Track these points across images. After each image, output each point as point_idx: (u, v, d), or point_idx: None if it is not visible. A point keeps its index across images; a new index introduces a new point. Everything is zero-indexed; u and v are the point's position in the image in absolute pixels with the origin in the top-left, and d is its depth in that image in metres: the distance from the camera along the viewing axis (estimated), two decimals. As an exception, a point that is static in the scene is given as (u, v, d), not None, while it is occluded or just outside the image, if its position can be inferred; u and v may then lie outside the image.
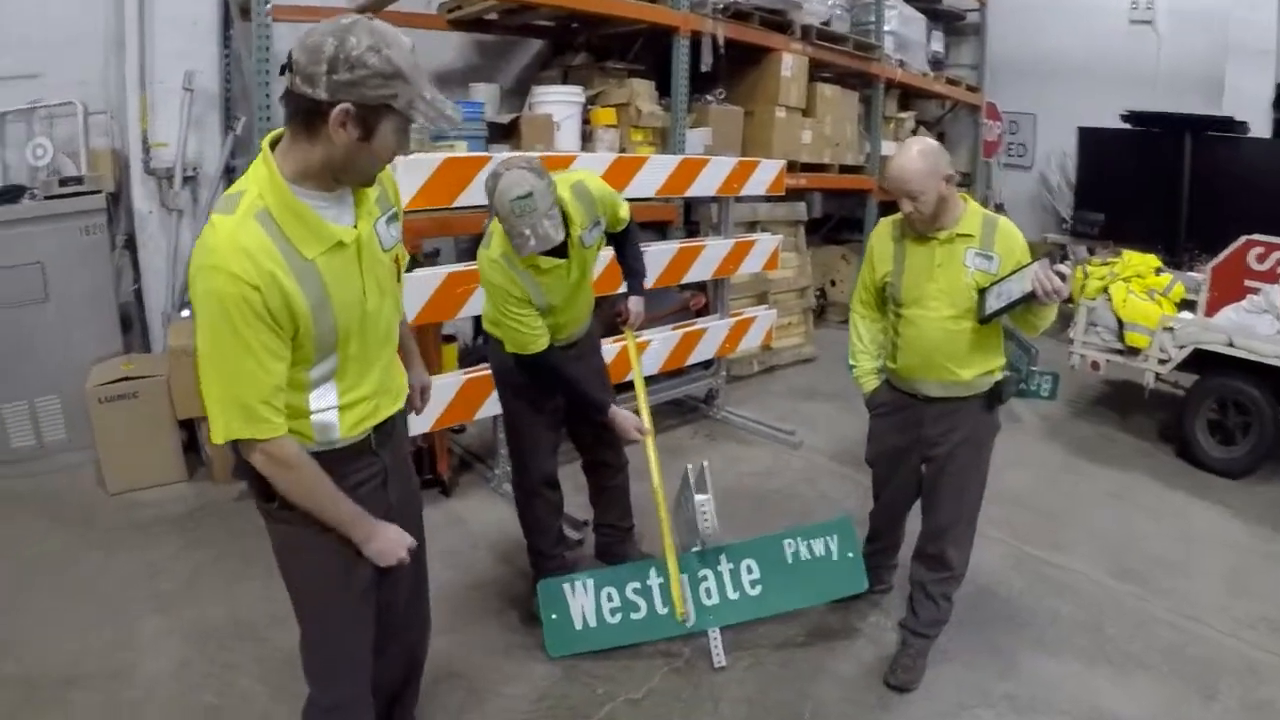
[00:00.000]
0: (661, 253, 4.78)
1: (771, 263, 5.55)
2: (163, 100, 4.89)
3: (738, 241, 5.26)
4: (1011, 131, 10.48)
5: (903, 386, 2.88)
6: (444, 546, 3.72)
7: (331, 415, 1.75)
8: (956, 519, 2.86)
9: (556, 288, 2.85)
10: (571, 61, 6.44)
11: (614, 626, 2.98)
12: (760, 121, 6.75)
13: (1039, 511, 4.29)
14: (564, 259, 2.82)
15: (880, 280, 2.83)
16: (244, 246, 1.51)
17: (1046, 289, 2.41)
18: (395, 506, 1.93)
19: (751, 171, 5.23)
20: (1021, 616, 3.34)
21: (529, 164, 2.59)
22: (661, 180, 4.66)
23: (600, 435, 3.22)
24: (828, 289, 8.64)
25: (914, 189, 2.54)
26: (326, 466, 1.74)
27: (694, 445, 5.16)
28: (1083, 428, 5.67)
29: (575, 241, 2.83)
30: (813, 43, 6.97)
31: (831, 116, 7.42)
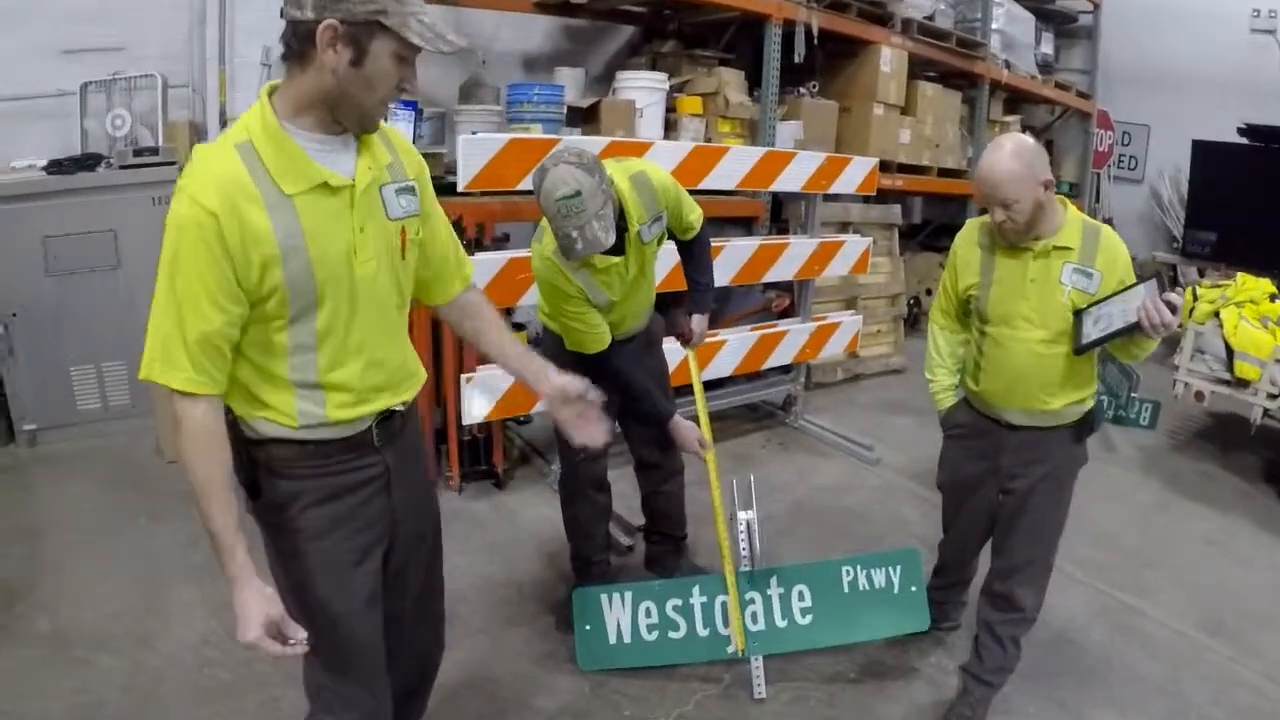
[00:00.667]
0: (742, 248, 4.52)
1: (860, 266, 5.21)
2: (242, 75, 4.95)
3: (824, 242, 4.94)
4: (1123, 143, 9.89)
5: (983, 409, 2.56)
6: (488, 540, 3.60)
7: (315, 393, 1.56)
8: (1032, 558, 2.54)
9: (614, 284, 2.65)
10: (660, 49, 6.24)
11: (650, 644, 2.76)
12: (856, 118, 6.41)
13: (1127, 552, 3.87)
14: (620, 256, 2.61)
15: (964, 292, 2.51)
16: (213, 172, 1.40)
17: (1154, 321, 2.08)
18: (400, 514, 1.75)
19: (842, 169, 4.90)
20: (1096, 670, 2.97)
21: (579, 159, 2.35)
22: (743, 173, 4.39)
23: (651, 435, 2.99)
24: (922, 298, 8.20)
25: (1007, 195, 2.21)
26: (318, 459, 1.59)
27: (764, 454, 4.89)
28: (1181, 462, 5.16)
29: (633, 239, 2.61)
30: (913, 37, 6.57)
31: (933, 116, 7.01)
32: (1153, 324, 2.08)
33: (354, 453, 1.64)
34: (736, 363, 4.66)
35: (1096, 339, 2.22)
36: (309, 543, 1.62)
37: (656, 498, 3.23)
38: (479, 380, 3.63)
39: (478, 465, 4.14)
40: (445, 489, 4.02)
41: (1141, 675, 2.97)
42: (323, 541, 1.63)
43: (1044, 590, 2.60)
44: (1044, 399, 2.39)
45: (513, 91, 4.74)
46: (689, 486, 3.29)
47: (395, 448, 1.72)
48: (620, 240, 2.54)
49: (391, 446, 1.71)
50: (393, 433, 1.70)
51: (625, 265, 2.63)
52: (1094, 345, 2.25)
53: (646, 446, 3.08)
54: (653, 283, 2.92)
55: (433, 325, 3.92)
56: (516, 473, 4.32)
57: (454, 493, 4.02)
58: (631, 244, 2.61)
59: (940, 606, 2.93)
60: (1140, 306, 2.10)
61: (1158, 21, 9.16)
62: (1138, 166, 9.84)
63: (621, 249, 2.59)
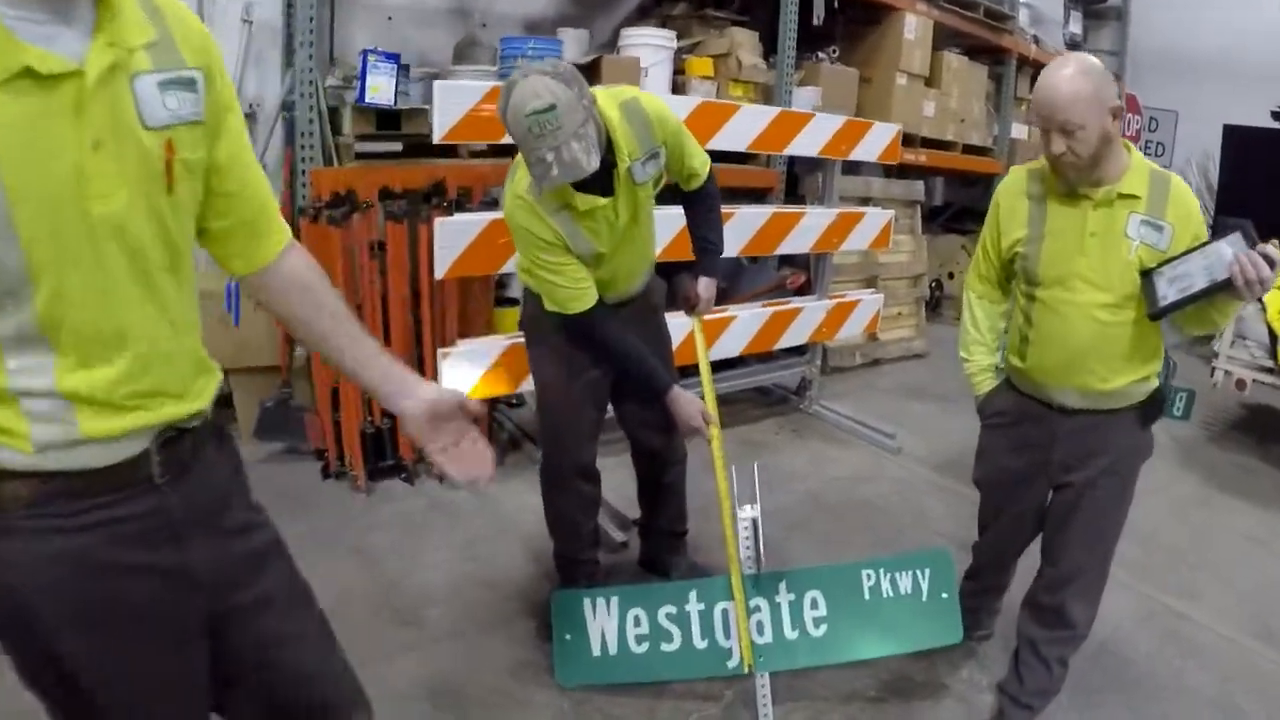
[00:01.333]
0: (754, 216, 4.13)
1: (881, 240, 4.81)
2: (223, 34, 4.57)
3: (843, 213, 4.55)
4: (1150, 129, 9.50)
5: (1030, 391, 2.18)
6: (467, 535, 3.26)
7: (56, 406, 1.01)
8: (1087, 566, 2.17)
9: (601, 232, 2.25)
10: (670, 11, 5.86)
11: (639, 657, 2.39)
12: (879, 88, 5.99)
13: (1169, 551, 3.52)
14: (608, 197, 2.21)
15: (1009, 249, 2.13)
16: None
17: (1250, 278, 1.72)
18: (209, 581, 1.18)
19: (863, 134, 4.50)
20: (1145, 684, 2.63)
21: (553, 69, 1.97)
22: (756, 133, 4.00)
23: (651, 416, 2.61)
24: (944, 281, 7.81)
25: (1070, 118, 1.83)
26: (59, 501, 1.04)
27: (777, 440, 4.53)
28: (1217, 454, 4.80)
29: (623, 176, 2.21)
30: (939, 5, 6.16)
31: (958, 90, 6.59)
32: (1248, 281, 1.72)
33: (116, 491, 1.07)
34: (746, 341, 4.27)
35: (1176, 300, 1.86)
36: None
37: (655, 488, 2.86)
38: (458, 355, 3.27)
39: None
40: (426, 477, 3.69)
41: (1192, 688, 2.63)
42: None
43: (1098, 603, 2.24)
44: (1104, 376, 2.02)
45: (506, 46, 4.38)
46: (692, 475, 2.93)
47: (193, 484, 1.16)
48: (608, 178, 2.17)
49: (185, 482, 1.15)
50: (183, 460, 1.14)
51: (614, 209, 2.24)
52: (1175, 308, 1.88)
53: (644, 429, 2.69)
54: (651, 236, 2.52)
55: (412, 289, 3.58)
56: (506, 460, 3.96)
57: (434, 481, 3.67)
58: (621, 183, 2.22)
59: (973, 613, 2.55)
60: (1231, 262, 1.75)
61: (1187, 5, 8.85)
62: (1165, 153, 9.44)
63: (610, 189, 2.21)
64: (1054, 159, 1.92)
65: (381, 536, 3.21)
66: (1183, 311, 1.92)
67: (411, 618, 2.70)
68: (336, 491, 3.54)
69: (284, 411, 3.74)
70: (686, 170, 2.44)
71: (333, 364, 1.32)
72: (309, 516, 3.26)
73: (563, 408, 2.52)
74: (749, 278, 5.38)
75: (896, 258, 6.34)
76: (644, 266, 2.52)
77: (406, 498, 3.55)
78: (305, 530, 3.14)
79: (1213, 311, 1.91)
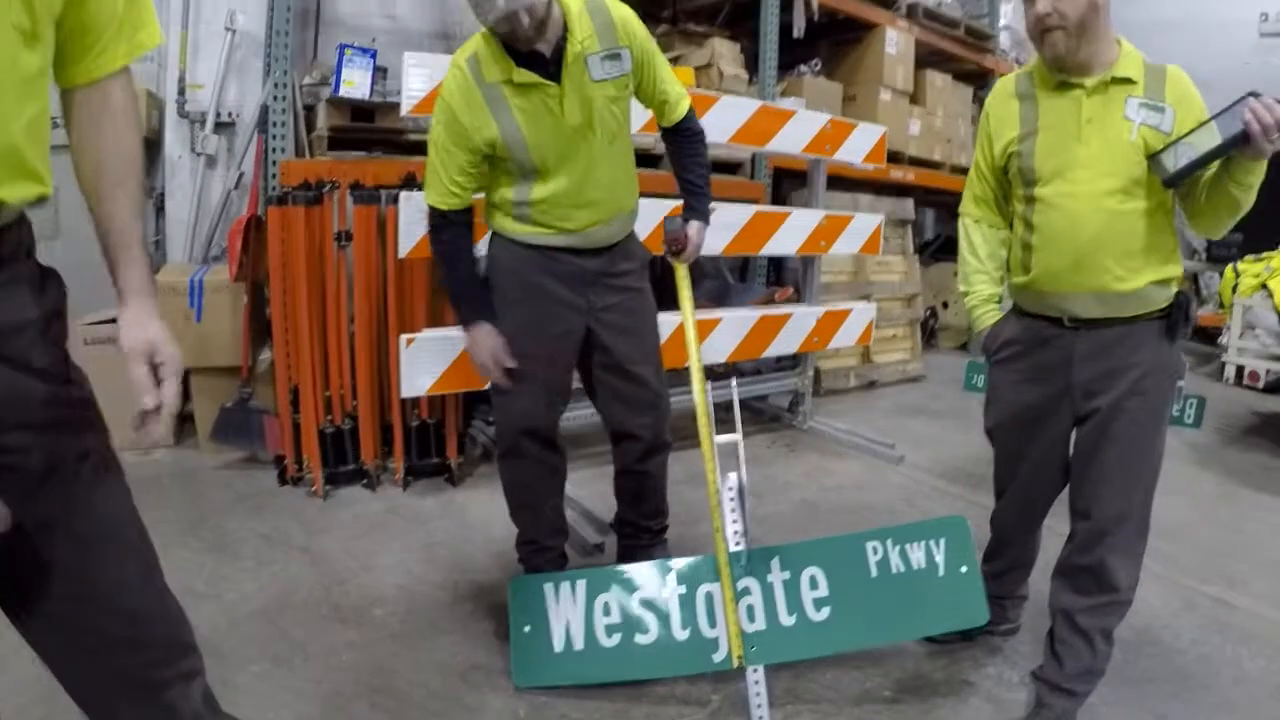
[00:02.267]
0: (737, 214, 3.92)
1: (871, 245, 4.59)
2: (206, 41, 4.54)
3: (830, 215, 4.35)
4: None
5: (1040, 308, 1.95)
6: (427, 539, 2.97)
7: None
8: (1126, 512, 1.89)
9: (540, 125, 2.04)
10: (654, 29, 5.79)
11: (609, 652, 2.07)
12: (863, 105, 5.92)
13: (1200, 544, 3.24)
14: (554, 83, 2.02)
15: (1004, 153, 1.95)
16: None
17: (1266, 122, 1.56)
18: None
19: (847, 134, 4.33)
20: (1195, 673, 2.32)
21: None
22: (736, 126, 3.84)
23: (624, 388, 2.35)
24: (940, 311, 7.61)
25: None
26: None
27: (770, 454, 4.25)
28: (1236, 456, 4.58)
29: (572, 63, 2.02)
30: (919, 22, 6.14)
31: (943, 110, 6.56)
32: (1264, 125, 1.56)
33: None
34: (734, 346, 4.02)
35: (1191, 162, 1.70)
36: None
37: (631, 477, 2.52)
38: (422, 343, 3.01)
39: (428, 458, 3.50)
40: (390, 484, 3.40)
41: (1251, 675, 2.33)
42: None
43: (1140, 562, 1.95)
44: (1121, 274, 1.80)
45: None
46: (677, 486, 2.67)
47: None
48: (556, 66, 2.01)
49: None
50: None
51: (560, 101, 2.04)
52: (1191, 170, 1.72)
53: (616, 404, 2.39)
54: (624, 171, 2.26)
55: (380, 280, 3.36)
56: (477, 470, 3.67)
57: (397, 488, 3.38)
58: (571, 71, 2.02)
59: (996, 602, 2.23)
60: (1246, 114, 1.59)
61: (1166, 29, 8.78)
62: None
63: (557, 76, 2.02)
64: (1039, 28, 1.79)
65: (334, 537, 2.94)
66: (1198, 200, 1.78)
67: (355, 616, 2.40)
68: (293, 497, 3.28)
69: (243, 414, 3.51)
70: (659, 95, 2.24)
71: (97, 229, 1.14)
72: (260, 518, 3.03)
73: (516, 360, 2.23)
74: (737, 295, 5.20)
75: (888, 277, 6.17)
76: (609, 203, 2.23)
77: (366, 503, 3.27)
78: (254, 532, 2.93)
79: (1230, 185, 1.71)
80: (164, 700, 1.15)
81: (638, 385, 2.34)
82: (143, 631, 1.13)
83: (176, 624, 1.19)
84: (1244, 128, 1.59)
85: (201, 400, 3.69)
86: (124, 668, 1.12)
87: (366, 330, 3.35)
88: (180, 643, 1.19)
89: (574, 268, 2.21)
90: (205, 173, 4.58)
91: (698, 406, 2.16)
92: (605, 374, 2.36)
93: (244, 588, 2.54)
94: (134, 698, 1.14)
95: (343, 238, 3.33)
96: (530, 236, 2.19)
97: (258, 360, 3.64)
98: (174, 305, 3.58)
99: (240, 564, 2.69)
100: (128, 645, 1.11)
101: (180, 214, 4.58)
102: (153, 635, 1.14)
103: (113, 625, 1.10)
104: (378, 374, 3.41)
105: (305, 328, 3.27)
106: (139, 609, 1.12)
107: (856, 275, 5.89)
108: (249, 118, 4.58)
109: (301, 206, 3.23)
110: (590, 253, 2.23)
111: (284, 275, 3.28)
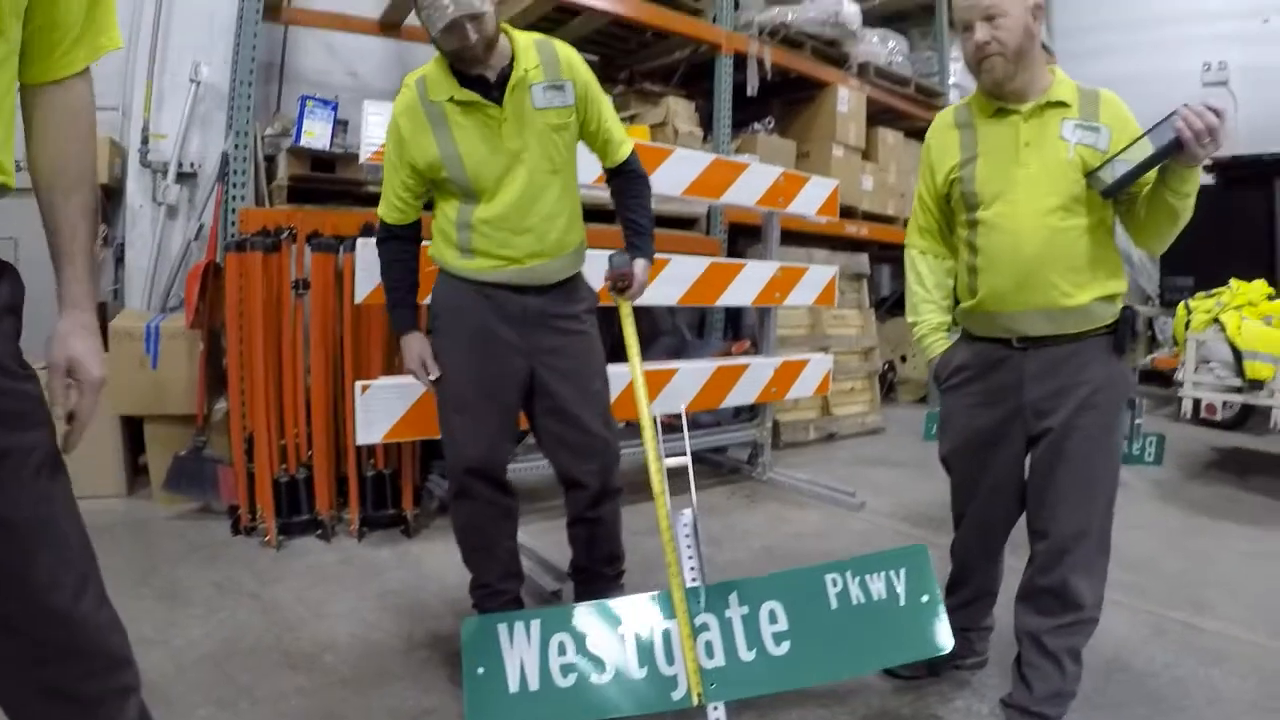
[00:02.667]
0: (692, 266, 4.00)
1: (826, 296, 4.69)
2: (170, 92, 4.62)
3: (784, 267, 4.45)
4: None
5: (988, 331, 2.01)
6: (382, 588, 2.92)
7: None
8: (1084, 528, 1.93)
9: (476, 147, 2.11)
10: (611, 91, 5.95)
11: (565, 692, 2.03)
12: (816, 161, 6.11)
13: (1168, 574, 3.29)
14: (496, 105, 2.10)
15: (946, 180, 2.03)
16: None
17: (1197, 127, 1.63)
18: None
19: (800, 188, 4.47)
20: (1168, 695, 2.33)
21: None
22: (689, 179, 3.93)
23: (570, 436, 2.34)
24: (898, 365, 7.74)
25: (994, 1, 1.81)
26: None
27: (729, 504, 4.26)
28: (1199, 490, 4.68)
29: (518, 86, 2.11)
30: (871, 80, 6.38)
31: (896, 166, 6.78)
32: (1196, 132, 1.63)
33: None
34: (691, 396, 4.04)
35: (1128, 172, 1.79)
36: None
37: (583, 525, 2.48)
38: (377, 390, 2.99)
39: (384, 509, 3.44)
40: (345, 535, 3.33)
41: (1225, 695, 2.34)
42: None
43: (1104, 578, 1.99)
44: (1066, 290, 1.87)
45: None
46: (636, 537, 2.69)
47: None
48: (499, 90, 2.10)
49: None
50: None
51: (500, 124, 2.11)
52: (1129, 180, 1.80)
53: (562, 451, 2.37)
54: (568, 204, 2.29)
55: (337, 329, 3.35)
56: (433, 523, 3.62)
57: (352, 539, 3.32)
58: (513, 97, 2.11)
59: (962, 634, 2.23)
60: (1178, 124, 1.67)
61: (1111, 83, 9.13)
62: (1113, 236, 9.71)
63: (499, 99, 2.11)
64: (979, 55, 1.87)
65: (286, 586, 2.88)
66: (1138, 214, 1.85)
67: (305, 663, 2.34)
68: (246, 547, 3.22)
69: (197, 463, 3.46)
70: (603, 134, 2.32)
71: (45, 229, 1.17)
72: (213, 567, 2.97)
73: (458, 399, 2.26)
74: (694, 351, 5.26)
75: (845, 330, 6.28)
76: (550, 234, 2.24)
77: (320, 553, 3.22)
78: (205, 581, 2.86)
79: (1167, 194, 1.78)
80: (98, 717, 1.11)
81: (581, 431, 2.33)
82: (77, 638, 1.10)
83: (112, 633, 1.16)
84: (1176, 135, 1.66)
85: (155, 449, 3.64)
86: (56, 678, 1.09)
87: (322, 378, 3.33)
88: (117, 655, 1.16)
89: (517, 307, 2.23)
90: (166, 223, 4.59)
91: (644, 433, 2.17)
92: (548, 419, 2.35)
93: (192, 634, 2.47)
94: (66, 712, 1.10)
95: (300, 285, 3.34)
96: (472, 272, 2.21)
97: (213, 409, 3.60)
98: (130, 350, 3.57)
99: (190, 611, 2.63)
100: (60, 652, 1.09)
101: (140, 262, 4.58)
102: (87, 643, 1.12)
103: (45, 629, 1.07)
104: (334, 423, 3.38)
105: (261, 375, 3.25)
106: (73, 614, 1.10)
107: (813, 329, 5.99)
108: (211, 169, 4.62)
109: (259, 253, 3.24)
110: (534, 291, 2.25)
111: (241, 322, 3.27)
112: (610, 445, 2.40)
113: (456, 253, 2.23)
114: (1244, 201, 7.52)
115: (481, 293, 2.22)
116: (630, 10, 4.87)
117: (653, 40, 5.58)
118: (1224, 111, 1.64)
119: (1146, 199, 1.83)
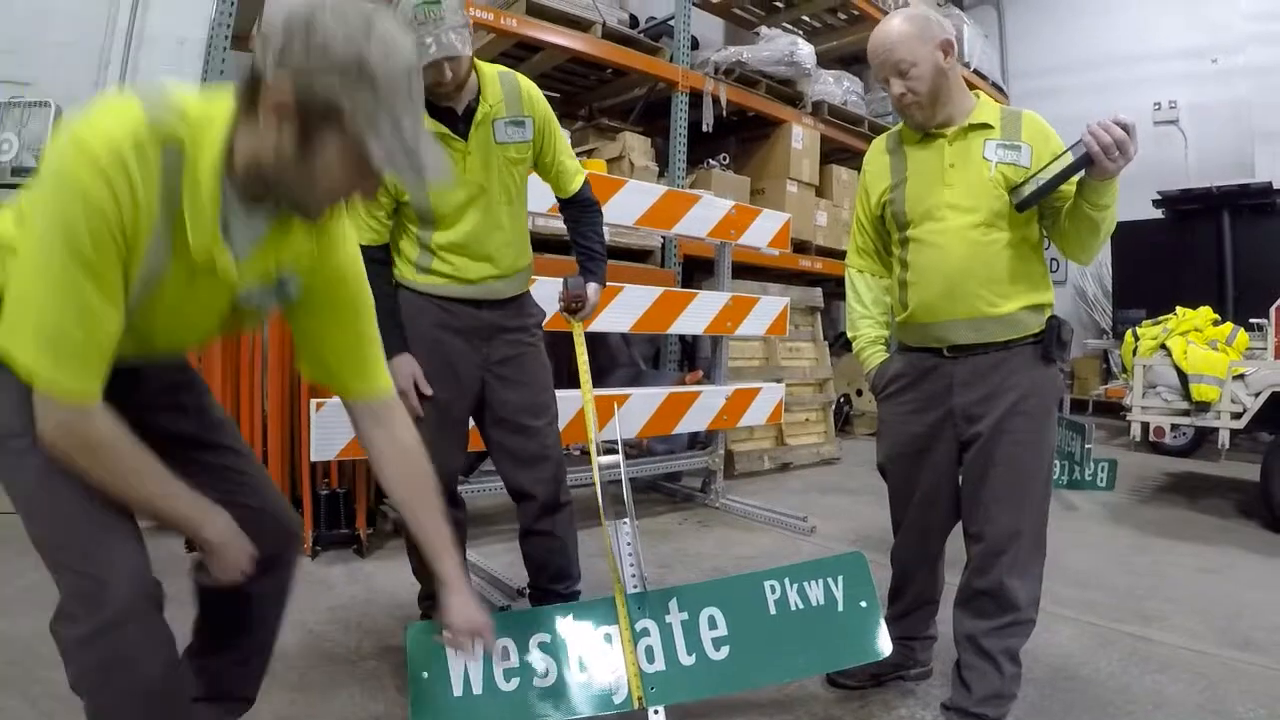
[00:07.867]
0: (643, 294, 4.11)
1: (778, 326, 4.83)
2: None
3: (736, 296, 4.58)
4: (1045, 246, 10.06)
5: (921, 341, 2.13)
6: (333, 602, 2.93)
7: None
8: (1018, 528, 2.00)
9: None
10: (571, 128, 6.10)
11: (508, 696, 2.07)
12: (771, 197, 6.33)
13: (1116, 589, 3.39)
14: (460, 139, 2.22)
15: (879, 202, 2.17)
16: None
17: (1105, 141, 1.74)
18: None
19: (752, 220, 4.64)
20: (1114, 700, 2.39)
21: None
22: (643, 209, 4.07)
23: (520, 446, 2.40)
24: (854, 398, 7.90)
25: (902, 58, 1.96)
26: None
27: (681, 530, 4.31)
28: (1149, 512, 4.85)
29: (483, 121, 2.24)
30: (825, 119, 6.62)
31: (849, 203, 6.97)
32: (1104, 145, 1.74)
33: None
34: (644, 422, 4.13)
35: (1040, 186, 1.92)
36: None
37: (533, 539, 2.52)
38: (332, 409, 3.04)
39: (337, 528, 3.46)
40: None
41: (1172, 699, 2.41)
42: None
43: (1040, 580, 2.07)
44: (992, 299, 1.99)
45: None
46: (591, 559, 2.70)
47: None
48: (466, 123, 2.21)
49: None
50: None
51: (464, 156, 2.22)
52: (1042, 194, 1.93)
53: (509, 463, 2.44)
54: (518, 232, 2.41)
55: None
56: (387, 544, 3.64)
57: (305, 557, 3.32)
58: (478, 132, 2.23)
59: (904, 643, 2.31)
60: (1087, 137, 1.78)
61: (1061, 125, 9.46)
62: (1059, 268, 9.98)
63: (465, 133, 2.23)
64: (899, 104, 2.02)
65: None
66: (1062, 226, 1.96)
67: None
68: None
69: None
70: (557, 165, 2.43)
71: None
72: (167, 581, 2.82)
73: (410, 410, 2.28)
74: (649, 380, 5.35)
75: (799, 362, 6.41)
76: (505, 259, 2.36)
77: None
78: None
79: (1085, 207, 1.87)
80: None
81: (528, 438, 2.39)
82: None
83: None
84: (1085, 149, 1.77)
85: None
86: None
87: (279, 400, 3.36)
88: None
89: (471, 320, 2.33)
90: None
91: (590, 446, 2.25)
92: (497, 429, 2.42)
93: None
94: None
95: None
96: (430, 286, 2.31)
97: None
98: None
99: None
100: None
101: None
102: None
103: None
104: (289, 444, 3.40)
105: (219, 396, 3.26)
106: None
107: (768, 360, 6.11)
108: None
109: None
110: (488, 305, 2.35)
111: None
112: (557, 454, 2.48)
113: (414, 269, 2.32)
114: (1194, 234, 7.87)
115: (436, 304, 2.31)
116: (589, 48, 5.04)
117: (612, 77, 5.76)
118: (1132, 125, 1.74)
119: (1069, 212, 1.95)
